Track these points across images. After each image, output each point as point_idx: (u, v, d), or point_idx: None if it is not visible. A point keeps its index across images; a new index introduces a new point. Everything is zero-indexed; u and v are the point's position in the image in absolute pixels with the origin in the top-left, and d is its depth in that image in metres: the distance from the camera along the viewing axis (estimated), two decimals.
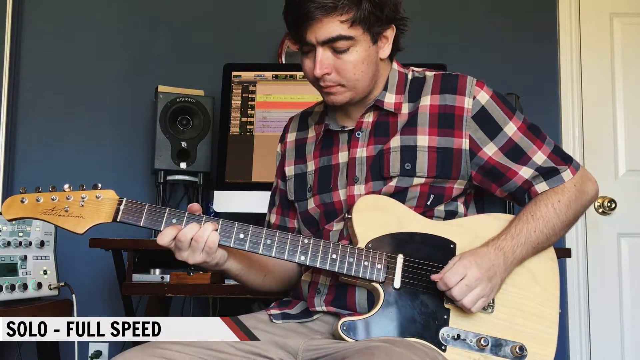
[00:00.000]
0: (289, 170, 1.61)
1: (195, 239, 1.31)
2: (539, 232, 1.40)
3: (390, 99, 1.47)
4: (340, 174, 1.49)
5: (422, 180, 1.42)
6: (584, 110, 2.87)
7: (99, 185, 1.34)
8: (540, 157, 1.45)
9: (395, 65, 1.52)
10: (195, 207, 1.36)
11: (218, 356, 1.33)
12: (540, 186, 1.45)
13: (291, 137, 1.64)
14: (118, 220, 1.32)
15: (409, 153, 1.43)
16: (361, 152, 1.47)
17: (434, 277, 1.34)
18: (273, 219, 1.66)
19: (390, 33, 1.44)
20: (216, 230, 1.32)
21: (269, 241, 1.35)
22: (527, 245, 1.39)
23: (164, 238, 1.31)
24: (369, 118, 1.49)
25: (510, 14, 2.93)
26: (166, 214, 1.33)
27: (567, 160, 1.47)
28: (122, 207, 1.32)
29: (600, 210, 2.82)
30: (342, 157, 1.50)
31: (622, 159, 2.85)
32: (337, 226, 1.48)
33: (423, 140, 1.43)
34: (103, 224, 1.33)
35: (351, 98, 1.44)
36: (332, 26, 1.34)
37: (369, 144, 1.47)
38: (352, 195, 1.46)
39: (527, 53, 2.90)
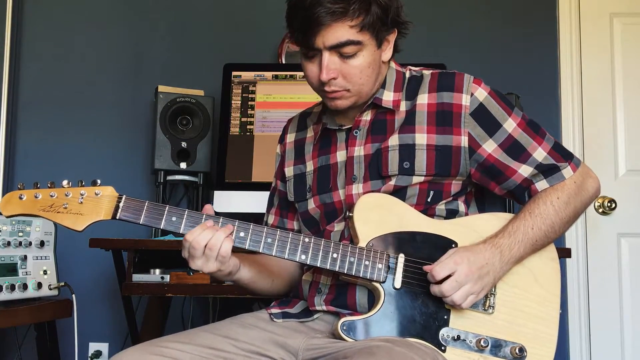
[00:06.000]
0: (289, 171, 1.60)
1: (209, 246, 1.29)
2: (537, 229, 1.39)
3: (388, 97, 1.47)
4: (339, 174, 1.49)
5: (421, 178, 1.42)
6: (584, 110, 2.87)
7: (98, 181, 1.33)
8: (540, 154, 1.44)
9: (392, 64, 1.52)
10: (210, 209, 1.35)
11: (218, 355, 1.33)
12: (540, 184, 1.45)
13: (290, 137, 1.64)
14: (117, 217, 1.32)
15: (407, 152, 1.42)
16: (359, 151, 1.47)
17: (426, 267, 1.34)
18: (271, 220, 1.66)
19: (393, 37, 1.44)
20: (231, 235, 1.32)
21: (269, 240, 1.35)
22: (524, 243, 1.38)
23: (193, 234, 1.30)
24: (367, 116, 1.49)
25: (510, 14, 2.93)
26: (166, 211, 1.33)
27: (568, 157, 1.46)
28: (121, 204, 1.31)
29: (600, 210, 2.82)
30: (340, 156, 1.50)
31: (622, 159, 2.85)
32: (338, 227, 1.47)
33: (421, 138, 1.43)
34: (102, 221, 1.32)
35: (355, 102, 1.44)
36: (341, 31, 1.33)
37: (366, 143, 1.47)
38: (350, 195, 1.45)
39: (527, 53, 2.90)
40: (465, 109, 1.42)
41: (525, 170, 1.44)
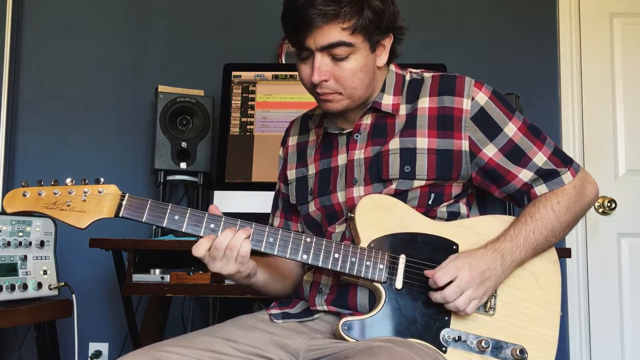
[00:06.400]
0: (291, 174, 1.61)
1: (230, 247, 1.30)
2: (538, 233, 1.40)
3: (387, 101, 1.47)
4: (339, 177, 1.49)
5: (422, 182, 1.42)
6: (584, 110, 2.87)
7: (102, 179, 1.33)
8: (540, 159, 1.44)
9: (392, 68, 1.51)
10: (216, 209, 1.35)
11: (219, 358, 1.33)
12: (540, 188, 1.45)
13: (293, 140, 1.64)
14: (120, 215, 1.31)
15: (408, 155, 1.42)
16: (359, 154, 1.47)
17: (427, 272, 1.34)
18: (276, 222, 1.67)
19: (388, 42, 1.43)
20: (249, 237, 1.32)
21: (271, 239, 1.35)
22: (525, 247, 1.38)
23: (200, 249, 1.30)
24: (367, 120, 1.48)
25: (510, 14, 2.94)
26: (169, 210, 1.32)
27: (568, 162, 1.46)
28: (124, 203, 1.31)
29: (600, 210, 2.82)
30: (341, 159, 1.50)
31: (622, 159, 2.85)
32: (339, 228, 1.48)
33: (422, 142, 1.43)
34: (105, 219, 1.32)
35: (347, 106, 1.43)
36: (333, 32, 1.33)
37: (367, 146, 1.47)
38: (351, 198, 1.46)
39: (527, 53, 2.90)
40: (466, 114, 1.42)
41: (525, 175, 1.44)
